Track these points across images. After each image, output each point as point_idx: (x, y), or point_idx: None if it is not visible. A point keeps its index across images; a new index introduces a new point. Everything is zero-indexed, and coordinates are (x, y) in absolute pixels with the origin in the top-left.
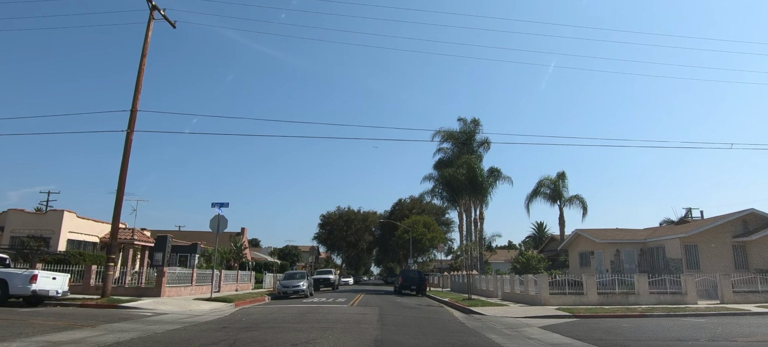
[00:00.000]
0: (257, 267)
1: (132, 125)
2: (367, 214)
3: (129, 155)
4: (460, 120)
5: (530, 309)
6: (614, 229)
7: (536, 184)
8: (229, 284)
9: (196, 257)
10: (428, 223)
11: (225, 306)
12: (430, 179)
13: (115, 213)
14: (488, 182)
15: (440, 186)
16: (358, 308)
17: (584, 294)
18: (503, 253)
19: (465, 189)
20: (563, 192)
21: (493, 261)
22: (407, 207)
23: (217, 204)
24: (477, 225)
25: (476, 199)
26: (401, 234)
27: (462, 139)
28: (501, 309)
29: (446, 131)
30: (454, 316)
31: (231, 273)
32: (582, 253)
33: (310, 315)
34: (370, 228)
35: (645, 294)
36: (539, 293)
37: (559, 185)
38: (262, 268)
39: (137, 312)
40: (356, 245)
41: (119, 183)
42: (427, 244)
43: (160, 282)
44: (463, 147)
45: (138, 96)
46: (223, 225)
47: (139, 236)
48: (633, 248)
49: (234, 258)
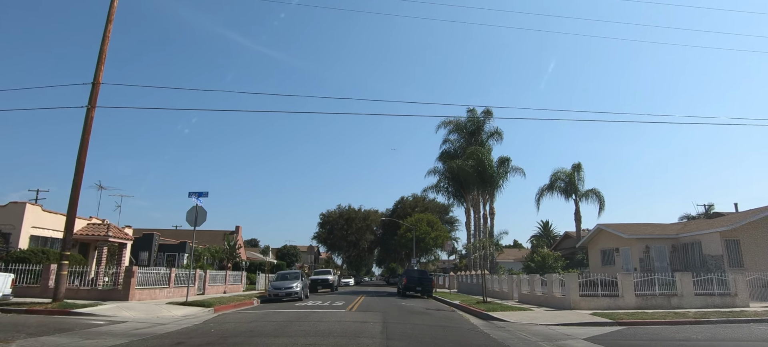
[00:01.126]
0: (252, 267)
1: (93, 100)
2: (368, 213)
3: (89, 134)
4: (469, 110)
5: (559, 314)
6: (642, 224)
7: (551, 177)
8: (216, 286)
9: (185, 256)
10: (432, 222)
11: (202, 311)
12: (434, 173)
13: (72, 202)
14: (499, 174)
15: (446, 181)
16: (358, 314)
17: (619, 296)
18: (511, 252)
19: (473, 182)
20: (579, 185)
21: (501, 260)
22: (409, 206)
23: (195, 193)
24: (487, 220)
25: (486, 193)
26: (404, 233)
27: (470, 130)
28: (525, 315)
29: (453, 121)
30: (473, 324)
31: (219, 274)
32: (605, 250)
33: (297, 325)
34: (372, 227)
35: (689, 296)
36: (568, 295)
37: (575, 178)
38: (256, 269)
39: (88, 320)
40: (357, 245)
41: (77, 167)
42: (430, 244)
43: (128, 284)
44: (471, 138)
45: (101, 67)
46: (202, 217)
47: (115, 232)
48: (663, 244)
49: (227, 257)
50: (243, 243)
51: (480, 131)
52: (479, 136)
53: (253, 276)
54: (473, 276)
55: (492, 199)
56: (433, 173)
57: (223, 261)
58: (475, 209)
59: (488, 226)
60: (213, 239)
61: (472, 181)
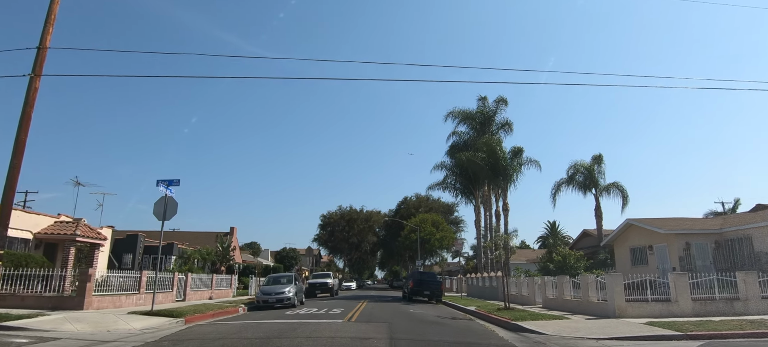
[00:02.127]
0: (246, 271)
1: (39, 68)
2: (370, 214)
3: (32, 107)
4: (479, 99)
5: (605, 324)
6: (678, 218)
7: (569, 170)
8: (200, 291)
9: (173, 259)
10: (437, 222)
11: (168, 323)
12: (441, 168)
13: (8, 188)
14: (512, 166)
15: (453, 176)
16: (358, 326)
17: (672, 300)
18: (522, 253)
19: (485, 175)
20: (599, 179)
21: (513, 261)
22: (413, 206)
23: (164, 182)
24: (499, 218)
25: (498, 187)
26: (407, 234)
27: (480, 120)
28: (563, 325)
29: (462, 111)
30: (502, 338)
31: (203, 278)
32: (635, 249)
33: (277, 343)
34: (374, 229)
35: (755, 300)
36: (611, 300)
37: (594, 171)
38: (249, 272)
39: (14, 334)
40: (359, 247)
41: (16, 147)
42: (435, 245)
43: (83, 290)
44: (481, 130)
45: (49, 29)
46: (172, 210)
47: (85, 231)
48: (705, 240)
49: (220, 260)
50: (238, 245)
51: (490, 122)
52: (489, 127)
53: (246, 280)
54: (485, 279)
55: (505, 194)
56: (439, 168)
57: (217, 264)
58: (485, 206)
59: (500, 224)
60: (206, 240)
61: (483, 175)
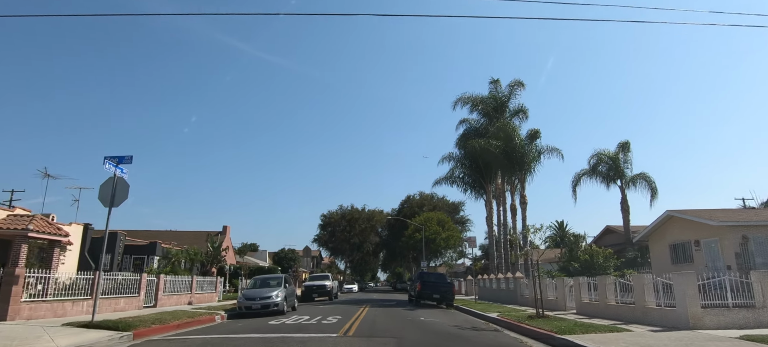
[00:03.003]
0: (237, 273)
1: None
2: (372, 213)
3: None
4: (491, 83)
5: (681, 337)
6: (728, 209)
7: (592, 159)
8: (177, 295)
9: (155, 259)
10: (442, 221)
11: (109, 338)
12: (449, 160)
13: None
14: (530, 154)
15: (463, 168)
16: (356, 341)
17: (758, 306)
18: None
19: (499, 165)
20: (625, 169)
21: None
22: (417, 205)
23: (113, 159)
24: (515, 213)
25: (514, 178)
26: (412, 233)
27: (492, 106)
28: (627, 340)
29: (472, 97)
30: None
31: (182, 280)
32: (677, 245)
33: None
34: (376, 229)
35: None
36: (683, 307)
37: (619, 161)
38: (240, 274)
39: None
40: (361, 247)
41: None
42: (441, 245)
43: (8, 297)
44: (493, 117)
45: None
46: (123, 193)
47: (40, 226)
48: (765, 234)
49: (210, 261)
50: (231, 246)
51: (504, 108)
52: (503, 114)
53: (238, 283)
54: (500, 281)
55: (523, 186)
56: (447, 160)
57: (207, 265)
58: (498, 201)
59: (516, 220)
60: (197, 240)
61: (497, 165)
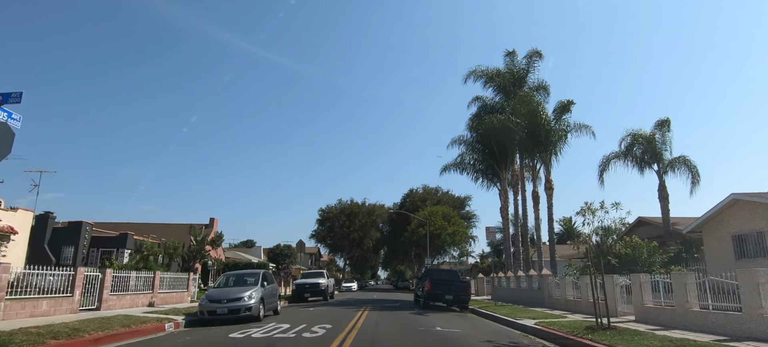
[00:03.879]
0: (225, 269)
1: None
2: (373, 207)
3: None
4: (506, 54)
5: None
6: None
7: (625, 140)
8: (131, 295)
9: (126, 253)
10: (448, 215)
11: None
12: (459, 143)
13: None
14: (557, 131)
15: (474, 153)
16: None
17: None
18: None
19: (520, 145)
20: (663, 152)
21: (547, 258)
22: (420, 199)
23: None
24: (538, 200)
25: (537, 161)
26: (415, 228)
27: (509, 80)
28: None
29: (486, 71)
30: None
31: (139, 278)
32: (743, 236)
33: None
34: (377, 224)
35: None
36: None
37: (656, 142)
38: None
39: None
40: (361, 243)
41: None
42: (446, 240)
43: None
44: (511, 93)
45: None
46: (5, 144)
47: None
48: None
49: (193, 256)
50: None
51: (522, 83)
52: (521, 89)
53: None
54: (521, 279)
55: (548, 169)
56: (457, 143)
57: (189, 260)
58: (515, 189)
59: (539, 209)
60: (181, 234)
61: (516, 146)
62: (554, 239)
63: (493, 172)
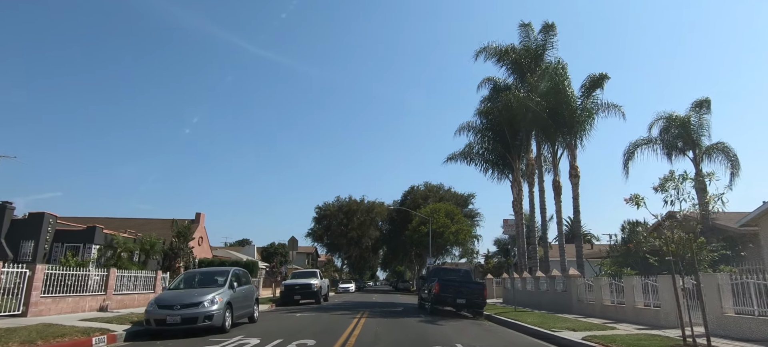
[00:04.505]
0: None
1: None
2: (372, 205)
3: None
4: (521, 26)
5: None
6: None
7: (659, 122)
8: (74, 297)
9: (94, 248)
10: (451, 213)
11: None
12: (468, 130)
13: None
14: (585, 110)
15: (484, 141)
16: None
17: None
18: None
19: (540, 127)
20: (701, 137)
21: (553, 259)
22: (421, 196)
23: None
24: (560, 190)
25: (558, 146)
26: (416, 226)
27: (524, 57)
28: None
29: (498, 48)
30: None
31: (87, 277)
32: None
33: None
34: (376, 222)
35: None
36: None
37: (691, 126)
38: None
39: None
40: (359, 242)
41: None
42: (450, 239)
43: None
44: (526, 71)
45: None
46: None
47: None
48: None
49: (174, 253)
50: (206, 236)
51: (539, 60)
52: (537, 67)
53: None
54: (540, 280)
55: (573, 154)
56: (465, 130)
57: (171, 259)
58: (530, 181)
59: (561, 200)
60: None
61: (534, 129)
62: (581, 234)
63: (504, 162)
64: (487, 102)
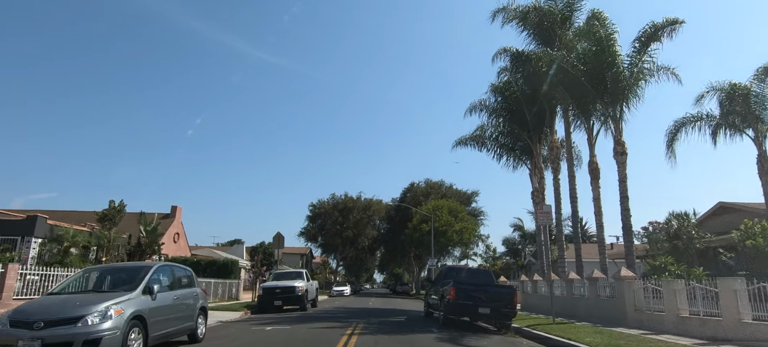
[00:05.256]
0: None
1: None
2: (369, 202)
3: None
4: None
5: None
6: None
7: (714, 94)
8: None
9: (33, 243)
10: (455, 210)
11: None
12: (480, 109)
13: None
14: (637, 70)
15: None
16: None
17: None
18: (588, 248)
19: (576, 94)
20: (763, 112)
21: (572, 259)
22: (422, 193)
23: None
24: (597, 174)
25: (595, 117)
26: (417, 224)
27: (549, 19)
28: None
29: (519, 9)
30: None
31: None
32: None
33: None
34: (373, 221)
35: None
36: None
37: (752, 100)
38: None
39: None
40: (355, 242)
41: None
42: (454, 239)
43: None
44: (552, 36)
45: None
46: None
47: None
48: None
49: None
50: (183, 233)
51: (565, 24)
52: (564, 32)
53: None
54: (574, 284)
55: (618, 127)
56: (476, 110)
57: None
58: (554, 166)
59: (598, 185)
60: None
61: (571, 96)
62: (630, 225)
63: (522, 147)
64: (505, 73)
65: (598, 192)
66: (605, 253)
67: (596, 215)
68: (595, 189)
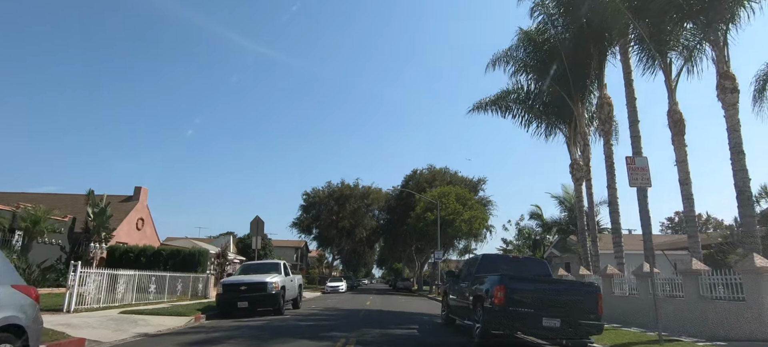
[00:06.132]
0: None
1: None
2: (368, 190)
3: None
4: None
5: None
6: None
7: None
8: None
9: None
10: (463, 197)
11: None
12: (506, 62)
13: None
14: None
15: (529, 74)
16: None
17: None
18: (630, 240)
19: (654, 13)
20: None
21: (604, 252)
22: (425, 180)
23: None
24: (683, 127)
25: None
26: (421, 213)
27: None
28: None
29: None
30: None
31: None
32: None
33: None
34: (372, 211)
35: None
36: None
37: None
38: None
39: None
40: (352, 234)
41: None
42: (462, 229)
43: None
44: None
45: None
46: None
47: None
48: None
49: (89, 236)
50: (150, 218)
51: None
52: None
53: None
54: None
55: (723, 52)
56: (501, 63)
57: (84, 244)
58: (606, 126)
59: (683, 144)
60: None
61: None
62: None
63: (557, 112)
64: (540, 10)
65: (684, 152)
66: (697, 238)
67: (682, 184)
68: (680, 148)
